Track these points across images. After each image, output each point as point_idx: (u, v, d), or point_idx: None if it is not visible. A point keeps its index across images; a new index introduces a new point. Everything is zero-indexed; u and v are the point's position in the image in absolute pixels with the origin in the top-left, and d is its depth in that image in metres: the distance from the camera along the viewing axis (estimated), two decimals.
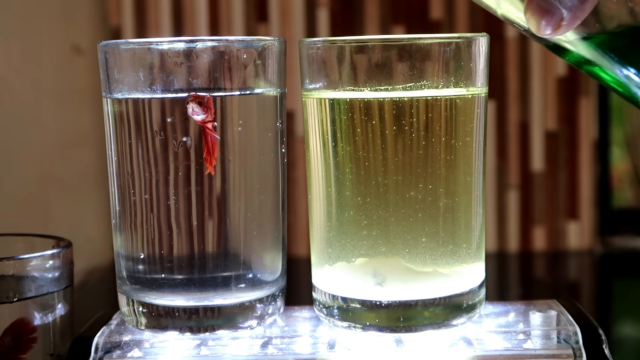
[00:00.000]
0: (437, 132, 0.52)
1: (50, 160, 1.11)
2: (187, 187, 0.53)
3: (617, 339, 0.83)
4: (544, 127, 1.13)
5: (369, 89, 0.52)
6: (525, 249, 1.14)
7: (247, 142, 0.54)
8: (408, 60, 0.52)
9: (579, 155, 1.13)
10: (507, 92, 1.12)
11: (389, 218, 0.53)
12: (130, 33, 1.11)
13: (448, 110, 0.53)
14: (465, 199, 0.54)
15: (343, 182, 0.54)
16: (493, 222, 1.13)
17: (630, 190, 1.28)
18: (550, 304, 0.59)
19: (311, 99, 0.55)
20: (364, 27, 1.11)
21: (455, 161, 0.53)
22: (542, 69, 1.12)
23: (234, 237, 0.54)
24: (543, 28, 0.46)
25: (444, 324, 0.54)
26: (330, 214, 0.55)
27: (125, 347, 0.54)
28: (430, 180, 0.53)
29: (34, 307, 0.56)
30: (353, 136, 0.53)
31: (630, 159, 1.27)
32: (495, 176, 1.13)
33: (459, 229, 0.54)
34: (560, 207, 1.13)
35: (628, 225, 1.20)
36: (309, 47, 0.54)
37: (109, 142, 0.55)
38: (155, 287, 0.54)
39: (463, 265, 0.54)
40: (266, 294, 0.55)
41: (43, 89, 1.10)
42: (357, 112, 0.52)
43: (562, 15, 0.45)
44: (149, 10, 1.11)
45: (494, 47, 1.09)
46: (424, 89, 0.52)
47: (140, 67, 0.53)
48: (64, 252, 0.58)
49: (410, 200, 0.53)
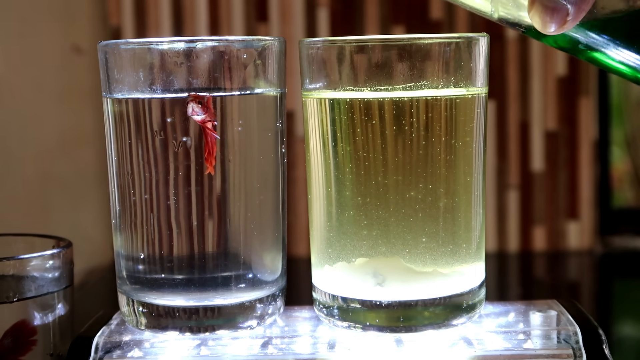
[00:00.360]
0: (437, 132, 0.52)
1: (50, 160, 1.11)
2: (187, 187, 0.53)
3: (617, 339, 0.83)
4: (544, 127, 1.12)
5: (369, 89, 0.52)
6: (525, 249, 1.14)
7: (247, 142, 0.54)
8: (408, 60, 0.52)
9: (579, 155, 1.13)
10: (507, 92, 1.12)
11: (389, 218, 0.53)
12: (130, 33, 1.11)
13: (448, 110, 0.53)
14: (465, 199, 0.54)
15: (343, 182, 0.54)
16: (493, 222, 1.13)
17: (630, 190, 1.28)
18: (550, 304, 0.59)
19: (311, 99, 0.55)
20: (364, 27, 1.11)
21: (455, 161, 0.53)
22: (542, 69, 1.12)
23: (234, 237, 0.54)
24: (549, 26, 0.46)
25: (444, 324, 0.54)
26: (330, 214, 0.55)
27: (125, 347, 0.54)
28: (430, 180, 0.53)
29: (34, 307, 0.56)
30: (353, 136, 0.53)
31: (630, 159, 1.27)
32: (495, 176, 1.13)
33: (459, 229, 0.54)
34: (560, 207, 1.13)
35: (628, 225, 1.20)
36: (309, 47, 0.54)
37: (109, 142, 0.55)
38: (155, 287, 0.54)
39: (463, 265, 0.54)
40: (266, 294, 0.55)
41: (43, 89, 1.10)
42: (357, 112, 0.52)
43: (567, 11, 0.45)
44: (149, 10, 1.11)
45: (494, 47, 1.09)
46: (424, 89, 0.52)
47: (140, 67, 0.53)
48: (64, 252, 0.58)
49: (410, 200, 0.53)
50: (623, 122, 1.26)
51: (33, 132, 1.10)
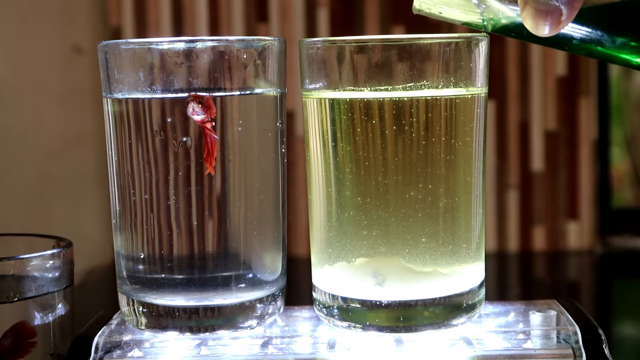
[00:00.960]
0: (437, 132, 0.52)
1: (50, 160, 1.11)
2: (187, 187, 0.53)
3: (617, 339, 0.83)
4: (544, 127, 1.12)
5: (369, 89, 0.52)
6: (525, 249, 1.14)
7: (247, 142, 0.54)
8: (408, 60, 0.52)
9: (579, 155, 1.13)
10: (507, 92, 1.12)
11: (389, 218, 0.53)
12: (130, 33, 1.11)
13: (448, 110, 0.53)
14: (465, 199, 0.54)
15: (343, 182, 0.54)
16: (493, 222, 1.13)
17: (630, 190, 1.28)
18: (550, 304, 0.59)
19: (311, 99, 0.55)
20: (364, 27, 1.11)
21: (455, 161, 0.53)
22: (542, 69, 1.12)
23: (234, 237, 0.54)
24: (542, 28, 0.45)
25: (444, 324, 0.54)
26: (330, 214, 0.55)
27: (126, 347, 0.54)
28: (430, 180, 0.53)
29: (34, 307, 0.56)
30: (353, 136, 0.53)
31: (630, 159, 1.27)
32: (495, 176, 1.13)
33: (458, 229, 0.54)
34: (560, 207, 1.13)
35: (628, 225, 1.20)
36: (309, 47, 0.54)
37: (109, 142, 0.55)
38: (155, 287, 0.54)
39: (463, 265, 0.54)
40: (266, 294, 0.55)
41: (43, 89, 1.10)
42: (357, 112, 0.52)
43: (561, 12, 0.45)
44: (149, 10, 1.11)
45: (494, 47, 1.09)
46: (424, 89, 0.52)
47: (140, 67, 0.53)
48: (64, 252, 0.58)
49: (410, 200, 0.53)
50: (623, 122, 1.26)
51: (33, 132, 1.10)
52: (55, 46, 1.10)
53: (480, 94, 0.54)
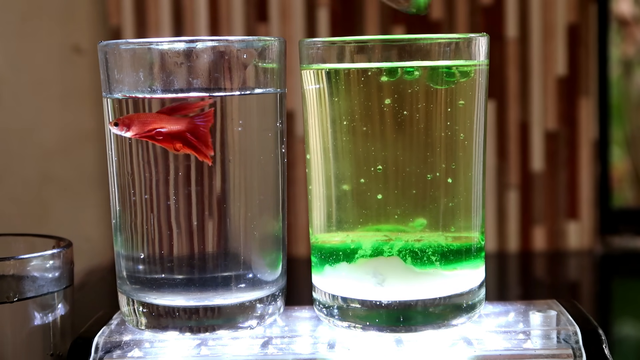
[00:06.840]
0: (436, 132, 0.52)
1: (50, 160, 1.11)
2: (187, 187, 0.53)
3: (617, 339, 0.83)
4: (544, 127, 1.12)
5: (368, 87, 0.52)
6: (525, 249, 1.14)
7: (247, 142, 0.54)
8: (408, 60, 0.52)
9: (579, 155, 1.13)
10: (507, 92, 1.12)
11: (389, 218, 0.53)
12: (130, 33, 1.11)
13: (448, 110, 0.53)
14: (465, 199, 0.54)
15: (342, 181, 0.54)
16: (493, 222, 1.13)
17: (630, 190, 1.28)
18: (550, 304, 0.59)
19: (309, 71, 0.54)
20: (364, 27, 1.11)
21: (455, 161, 0.53)
22: (542, 69, 1.12)
23: (234, 237, 0.54)
24: None
25: (444, 324, 0.54)
26: (330, 214, 0.55)
27: (126, 347, 0.54)
28: (430, 180, 0.53)
29: (34, 307, 0.56)
30: (353, 136, 0.53)
31: (630, 159, 1.27)
32: (495, 176, 1.13)
33: (458, 229, 0.54)
34: (560, 207, 1.13)
35: (628, 225, 1.20)
36: (309, 47, 0.54)
37: (109, 142, 0.55)
38: (155, 287, 0.54)
39: (463, 265, 0.54)
40: (266, 294, 0.55)
41: (43, 89, 1.10)
42: (357, 112, 0.52)
43: None
44: (149, 10, 1.11)
45: (494, 47, 1.09)
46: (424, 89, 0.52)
47: (140, 67, 0.53)
48: (64, 252, 0.58)
49: (410, 200, 0.53)
50: (623, 122, 1.26)
51: (33, 132, 1.10)
52: (55, 46, 1.10)
53: (481, 68, 0.54)
